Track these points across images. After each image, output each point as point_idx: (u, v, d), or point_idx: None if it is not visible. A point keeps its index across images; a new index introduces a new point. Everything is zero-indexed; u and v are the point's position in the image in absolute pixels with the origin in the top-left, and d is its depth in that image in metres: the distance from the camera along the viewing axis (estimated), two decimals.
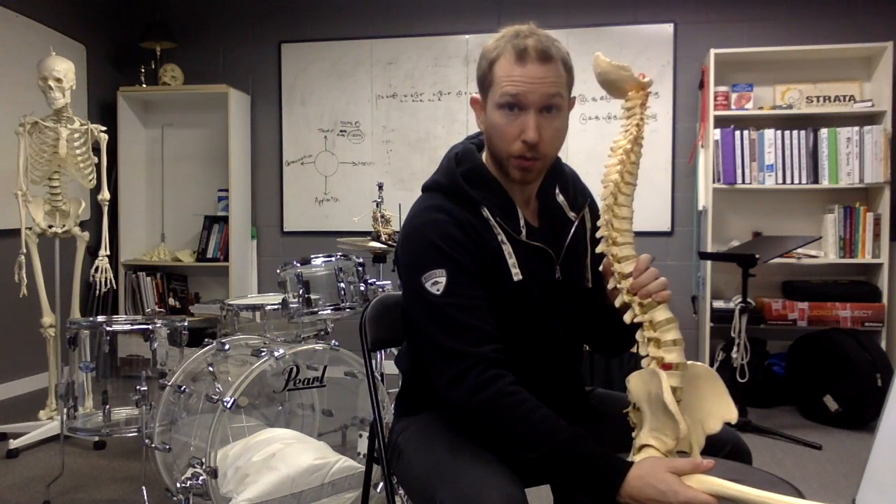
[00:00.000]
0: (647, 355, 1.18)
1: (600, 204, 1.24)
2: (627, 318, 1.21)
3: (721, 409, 1.18)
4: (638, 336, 1.20)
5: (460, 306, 1.23)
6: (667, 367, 1.15)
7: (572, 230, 1.38)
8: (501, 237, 1.30)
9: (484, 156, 1.37)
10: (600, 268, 1.32)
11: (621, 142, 1.23)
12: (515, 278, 1.29)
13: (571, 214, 1.39)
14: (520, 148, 1.25)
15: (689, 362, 1.18)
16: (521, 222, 1.33)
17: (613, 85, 1.23)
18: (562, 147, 1.32)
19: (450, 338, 1.21)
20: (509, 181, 1.32)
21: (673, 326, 1.17)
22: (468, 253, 1.26)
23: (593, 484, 1.11)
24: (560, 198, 1.40)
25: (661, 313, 1.18)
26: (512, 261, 1.29)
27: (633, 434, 1.20)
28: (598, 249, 1.25)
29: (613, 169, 1.22)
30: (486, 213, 1.30)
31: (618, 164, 1.22)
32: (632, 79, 1.20)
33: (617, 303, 1.23)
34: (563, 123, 1.29)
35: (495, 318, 1.25)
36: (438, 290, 1.23)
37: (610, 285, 1.25)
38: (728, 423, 1.19)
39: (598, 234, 1.25)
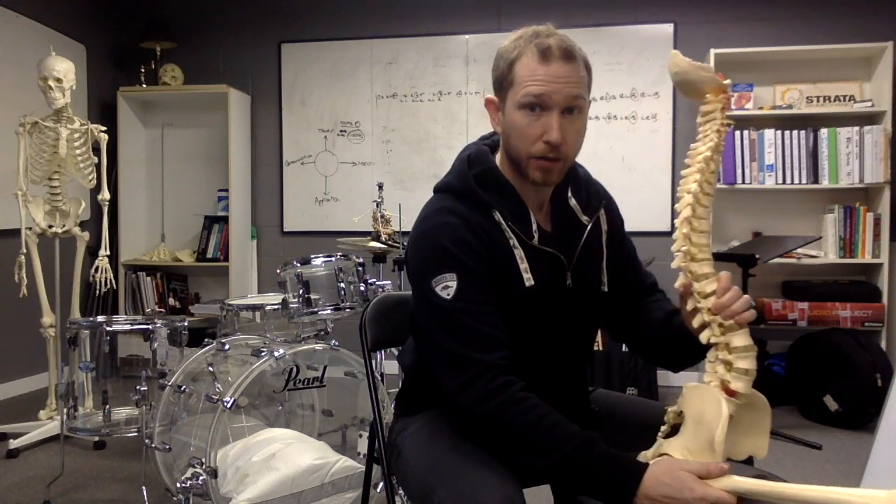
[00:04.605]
0: (714, 372, 1.12)
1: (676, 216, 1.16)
2: (704, 337, 1.15)
3: (754, 443, 1.14)
4: (710, 354, 1.14)
5: (470, 312, 1.20)
6: (730, 392, 1.09)
7: (584, 235, 1.35)
8: (513, 242, 1.27)
9: (497, 158, 1.34)
10: (676, 285, 1.21)
11: (700, 148, 1.14)
12: (527, 283, 1.27)
13: (584, 218, 1.36)
14: (541, 148, 1.22)
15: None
16: (534, 227, 1.30)
17: (691, 86, 1.15)
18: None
19: (459, 344, 1.19)
20: (523, 184, 1.30)
21: (750, 355, 1.10)
22: (479, 257, 1.23)
23: (609, 487, 1.10)
24: (572, 201, 1.37)
25: (741, 339, 1.11)
26: (524, 266, 1.27)
27: (660, 433, 1.17)
28: (674, 265, 1.18)
29: (692, 178, 1.13)
30: (498, 217, 1.28)
31: (697, 173, 1.12)
32: (712, 80, 1.13)
33: (695, 323, 1.16)
34: (583, 125, 1.27)
35: (505, 322, 1.24)
36: (448, 295, 1.20)
37: (689, 306, 1.18)
38: (750, 459, 1.14)
39: (673, 249, 1.16)
